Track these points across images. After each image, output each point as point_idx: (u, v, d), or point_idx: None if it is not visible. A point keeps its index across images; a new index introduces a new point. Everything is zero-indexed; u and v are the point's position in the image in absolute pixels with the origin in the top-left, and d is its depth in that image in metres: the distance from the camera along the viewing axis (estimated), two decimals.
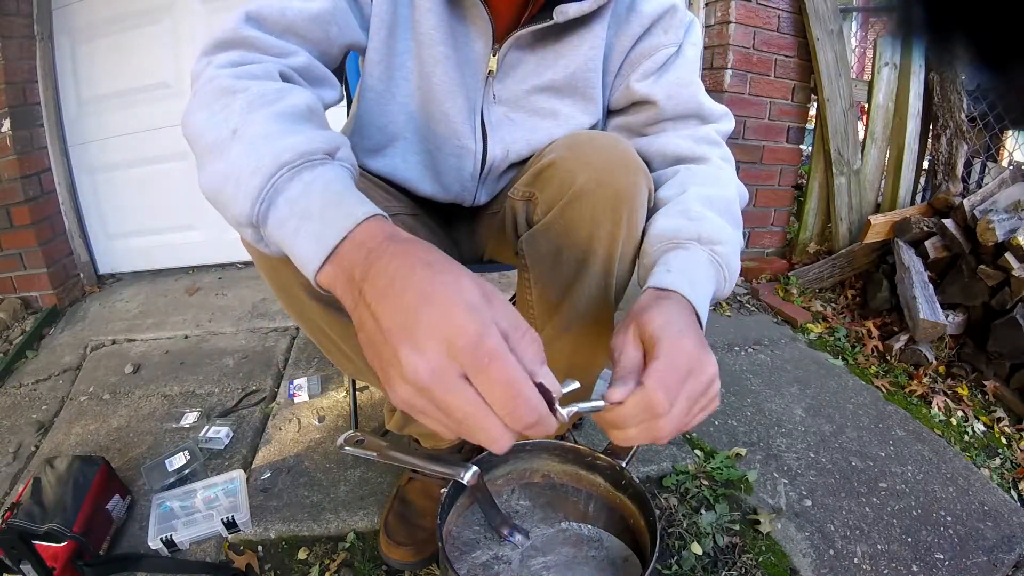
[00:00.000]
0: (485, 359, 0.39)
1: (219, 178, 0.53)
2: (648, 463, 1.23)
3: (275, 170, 0.50)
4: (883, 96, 2.13)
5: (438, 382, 0.39)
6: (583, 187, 0.70)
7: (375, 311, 0.42)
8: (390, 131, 0.83)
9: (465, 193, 0.90)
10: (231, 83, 0.57)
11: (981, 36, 0.22)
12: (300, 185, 0.50)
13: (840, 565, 1.02)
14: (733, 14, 2.00)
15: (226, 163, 0.52)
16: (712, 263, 0.66)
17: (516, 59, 0.80)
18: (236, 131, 0.53)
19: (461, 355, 0.39)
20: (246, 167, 0.50)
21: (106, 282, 2.26)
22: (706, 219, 0.68)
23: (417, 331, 0.40)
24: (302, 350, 1.71)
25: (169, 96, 2.07)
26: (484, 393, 0.40)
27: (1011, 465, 1.32)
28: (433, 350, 0.39)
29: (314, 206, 0.48)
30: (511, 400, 0.39)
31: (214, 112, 0.55)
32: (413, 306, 0.40)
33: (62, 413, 1.46)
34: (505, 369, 0.39)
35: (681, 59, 0.81)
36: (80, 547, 0.90)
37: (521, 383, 0.40)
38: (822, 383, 1.58)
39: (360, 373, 0.91)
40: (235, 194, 0.51)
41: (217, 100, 0.56)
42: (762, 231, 2.36)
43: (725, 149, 0.81)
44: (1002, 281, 1.58)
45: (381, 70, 0.78)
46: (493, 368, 0.39)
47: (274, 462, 1.24)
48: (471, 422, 0.40)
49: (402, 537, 0.99)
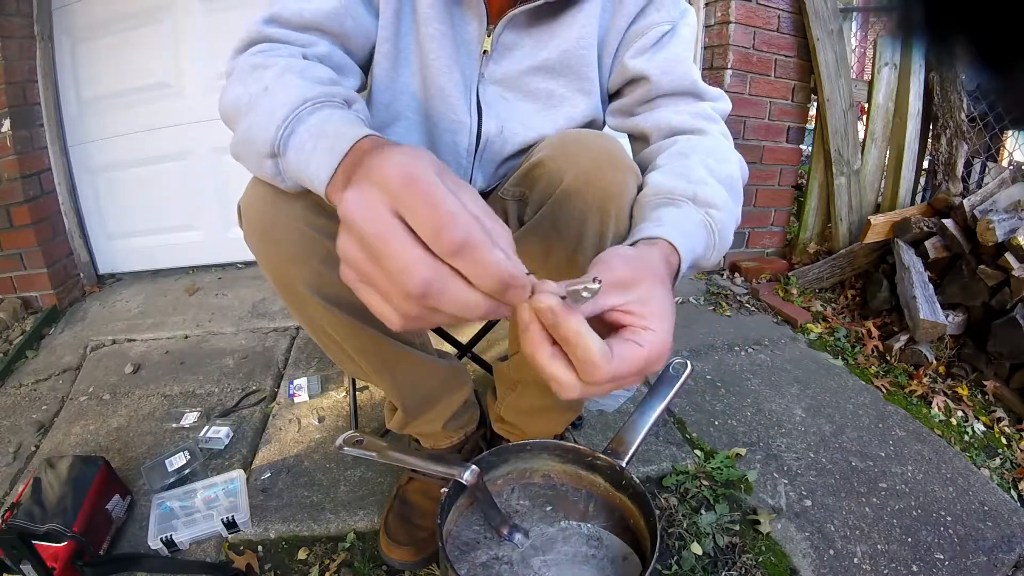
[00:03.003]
0: (414, 189, 0.35)
1: (247, 127, 0.59)
2: (648, 463, 1.23)
3: (300, 103, 0.56)
4: (883, 96, 2.13)
5: (360, 208, 0.35)
6: (571, 185, 0.70)
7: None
8: (394, 109, 0.84)
9: (460, 172, 0.89)
10: (262, 60, 0.65)
11: (981, 36, 0.22)
12: (319, 117, 0.56)
13: (840, 565, 1.02)
14: (733, 14, 2.00)
15: (256, 113, 0.59)
16: (705, 226, 0.63)
17: (512, 40, 0.81)
18: (267, 88, 0.60)
19: (390, 185, 0.35)
20: (275, 105, 0.57)
21: (106, 282, 2.26)
22: (708, 184, 0.66)
23: (362, 178, 0.38)
24: (302, 350, 1.71)
25: (169, 96, 2.07)
26: (410, 220, 0.35)
27: (1011, 465, 1.32)
28: (367, 186, 0.36)
29: (330, 128, 0.54)
30: (437, 219, 0.34)
31: (247, 84, 0.62)
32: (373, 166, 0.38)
33: (62, 413, 1.46)
34: (436, 195, 0.35)
35: (675, 37, 0.80)
36: (80, 547, 0.90)
37: (456, 209, 0.35)
38: (822, 383, 1.58)
39: (361, 373, 0.91)
40: (263, 126, 0.57)
41: (250, 75, 0.63)
42: (762, 231, 2.36)
43: (724, 126, 0.80)
44: (1002, 281, 1.58)
45: (387, 48, 0.80)
46: (421, 196, 0.35)
47: (274, 462, 1.24)
48: (389, 253, 0.35)
49: (402, 537, 0.99)
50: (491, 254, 0.36)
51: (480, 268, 0.36)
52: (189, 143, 2.12)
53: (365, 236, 0.36)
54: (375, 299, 0.39)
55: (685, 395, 1.50)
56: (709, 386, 1.55)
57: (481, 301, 0.37)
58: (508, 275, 0.37)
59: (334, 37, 0.74)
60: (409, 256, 0.35)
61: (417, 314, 0.37)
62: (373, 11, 0.78)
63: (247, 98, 0.60)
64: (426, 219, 0.35)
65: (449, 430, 1.00)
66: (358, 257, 0.37)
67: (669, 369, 0.79)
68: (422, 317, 0.37)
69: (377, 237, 0.35)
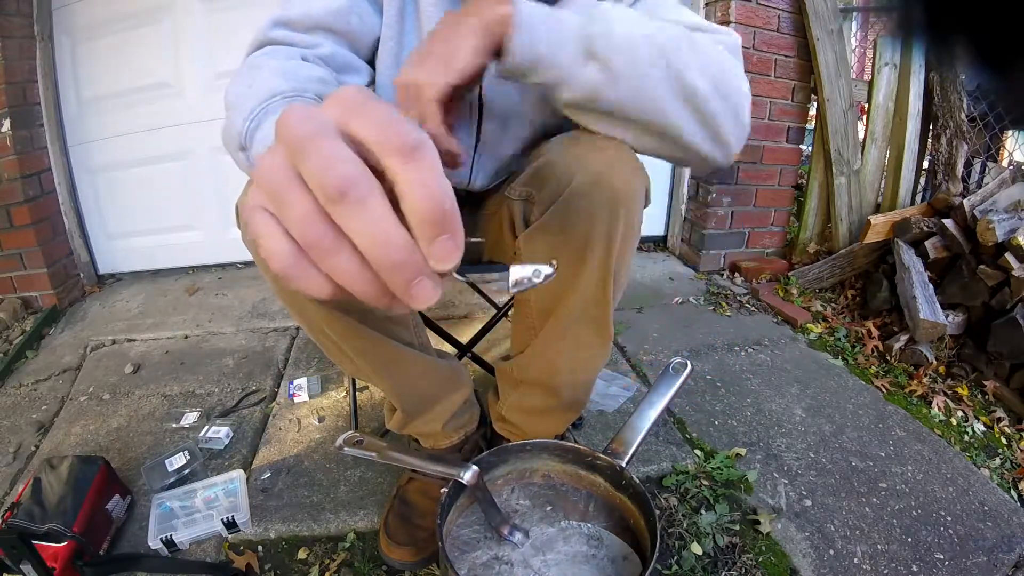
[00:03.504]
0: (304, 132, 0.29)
1: (227, 123, 0.63)
2: (648, 463, 1.23)
3: (268, 96, 0.58)
4: (883, 96, 2.13)
5: (260, 165, 0.30)
6: (580, 186, 0.70)
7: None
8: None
9: (460, 172, 0.89)
10: (258, 60, 0.68)
11: (981, 36, 0.22)
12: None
13: (840, 565, 1.02)
14: (733, 14, 2.00)
15: (235, 110, 0.61)
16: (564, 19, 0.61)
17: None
18: (251, 86, 0.62)
19: (282, 136, 0.30)
20: (248, 100, 0.60)
21: (106, 282, 2.26)
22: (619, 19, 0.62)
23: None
24: (302, 350, 1.71)
25: (169, 96, 2.07)
26: (353, 127, 0.30)
27: (1011, 465, 1.32)
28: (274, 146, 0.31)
29: None
30: (382, 116, 0.29)
31: (239, 84, 0.65)
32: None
33: (62, 413, 1.46)
34: (322, 140, 0.29)
35: None
36: (80, 547, 0.90)
37: (340, 149, 0.29)
38: (822, 383, 1.58)
39: (361, 373, 0.91)
40: (235, 120, 0.60)
41: (244, 75, 0.66)
42: (762, 231, 2.36)
43: (728, 51, 0.71)
44: (1002, 281, 1.57)
45: (391, 46, 0.80)
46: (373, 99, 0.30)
47: (274, 462, 1.24)
48: (315, 148, 0.28)
49: (402, 537, 0.99)
50: (438, 167, 0.29)
51: (425, 179, 0.29)
52: (189, 143, 2.12)
53: (291, 139, 0.29)
54: (267, 225, 0.30)
55: (685, 395, 1.49)
56: (709, 386, 1.55)
57: (401, 233, 0.29)
58: (452, 206, 0.29)
59: (340, 35, 0.75)
60: (336, 151, 0.28)
61: (315, 234, 0.29)
62: (379, 9, 0.79)
63: (233, 97, 0.64)
64: (377, 117, 0.29)
65: (449, 430, 1.00)
66: (272, 165, 0.30)
67: (669, 369, 0.79)
68: (319, 241, 0.29)
69: (310, 135, 0.29)
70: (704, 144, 0.69)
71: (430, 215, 0.29)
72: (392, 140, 0.29)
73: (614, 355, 1.69)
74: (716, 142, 0.69)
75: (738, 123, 0.69)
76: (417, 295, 0.30)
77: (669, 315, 1.97)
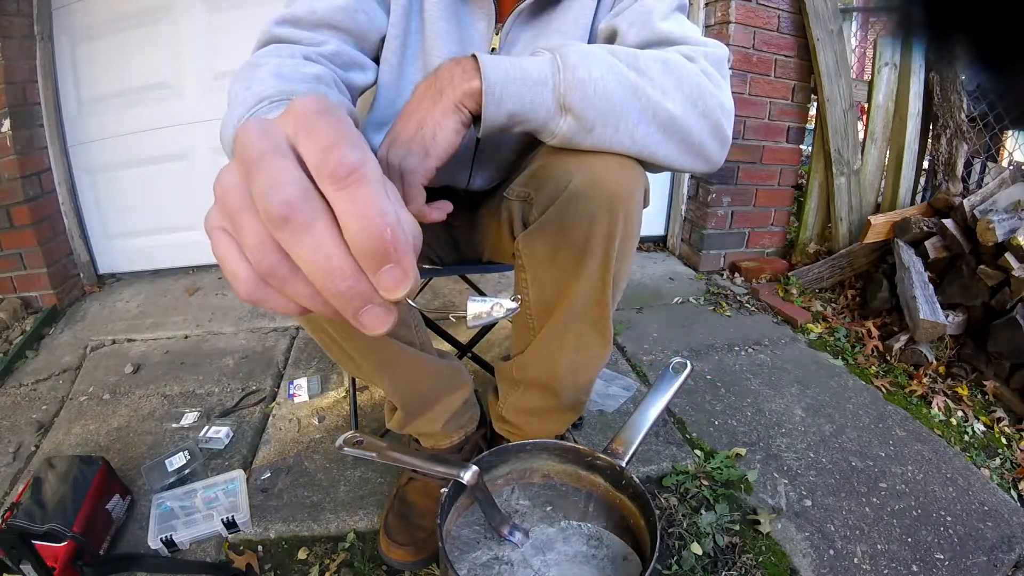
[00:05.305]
0: (315, 119, 0.30)
1: (221, 125, 0.62)
2: (648, 463, 1.23)
3: (256, 101, 0.58)
4: (883, 96, 2.13)
5: (253, 132, 0.30)
6: (579, 187, 0.70)
7: None
8: (398, 106, 0.84)
9: (459, 168, 0.89)
10: (258, 60, 0.67)
11: (981, 36, 0.22)
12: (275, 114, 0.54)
13: (840, 565, 1.02)
14: (733, 14, 2.00)
15: (231, 111, 0.61)
16: (538, 60, 0.62)
17: (516, 35, 0.81)
18: (248, 87, 0.62)
19: (294, 112, 0.30)
20: (240, 104, 0.59)
21: (106, 282, 2.26)
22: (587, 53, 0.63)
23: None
24: (302, 350, 1.71)
25: (169, 96, 2.07)
26: (301, 145, 0.29)
27: (1011, 465, 1.32)
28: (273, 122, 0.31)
29: None
30: (332, 139, 0.28)
31: (238, 83, 0.64)
32: None
33: (62, 413, 1.46)
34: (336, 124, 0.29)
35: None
36: (80, 547, 0.90)
37: (353, 138, 0.29)
38: (822, 383, 1.58)
39: (361, 373, 0.91)
40: (226, 124, 0.61)
41: (245, 74, 0.65)
42: (762, 231, 2.36)
43: (707, 64, 0.70)
44: (1002, 281, 1.57)
45: (396, 45, 0.80)
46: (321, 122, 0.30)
47: (274, 462, 1.24)
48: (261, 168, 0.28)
49: (402, 537, 0.99)
50: (378, 195, 0.28)
51: (361, 209, 0.28)
52: (189, 143, 2.12)
53: (244, 157, 0.29)
54: (228, 248, 0.31)
55: (685, 395, 1.49)
56: (709, 386, 1.55)
57: (345, 261, 0.28)
58: (393, 235, 0.28)
59: (346, 33, 0.75)
60: (282, 173, 0.28)
61: (269, 264, 0.29)
62: (385, 7, 0.79)
63: (231, 97, 0.63)
64: (321, 138, 0.29)
65: (449, 430, 1.00)
66: (228, 184, 0.30)
67: (669, 369, 0.79)
68: (273, 271, 0.29)
69: (259, 154, 0.28)
70: (687, 160, 0.71)
71: (367, 246, 0.28)
72: (328, 164, 0.28)
73: (614, 355, 1.69)
74: (699, 158, 0.72)
75: (720, 138, 0.71)
76: (367, 323, 0.30)
77: (669, 315, 1.97)
